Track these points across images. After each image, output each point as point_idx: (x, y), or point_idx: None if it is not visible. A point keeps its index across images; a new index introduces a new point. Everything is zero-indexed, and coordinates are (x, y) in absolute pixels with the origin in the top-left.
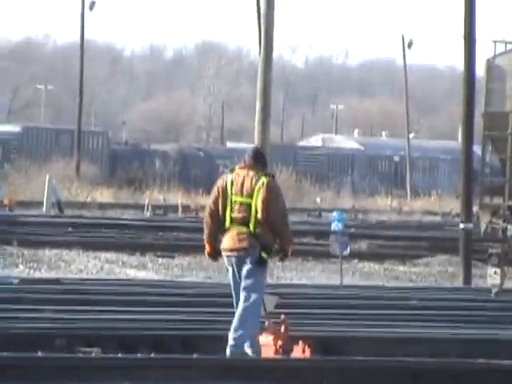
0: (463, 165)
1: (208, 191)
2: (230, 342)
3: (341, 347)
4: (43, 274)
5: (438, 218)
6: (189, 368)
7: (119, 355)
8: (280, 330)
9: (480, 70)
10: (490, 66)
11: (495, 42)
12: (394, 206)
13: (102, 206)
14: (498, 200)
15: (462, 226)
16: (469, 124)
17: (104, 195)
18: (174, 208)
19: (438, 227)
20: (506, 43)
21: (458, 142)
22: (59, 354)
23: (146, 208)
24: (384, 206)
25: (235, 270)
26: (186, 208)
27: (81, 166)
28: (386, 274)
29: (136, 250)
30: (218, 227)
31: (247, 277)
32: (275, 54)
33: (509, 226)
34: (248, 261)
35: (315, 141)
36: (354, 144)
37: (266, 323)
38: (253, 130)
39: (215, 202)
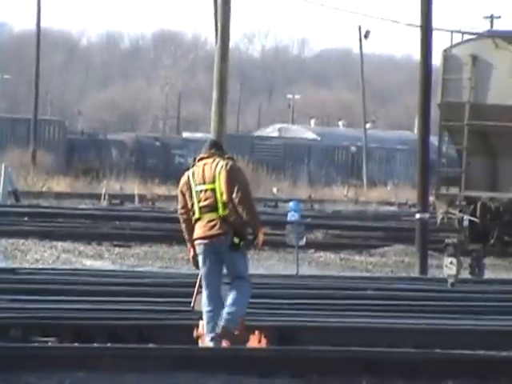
0: (420, 155)
1: (164, 181)
2: (222, 318)
3: (297, 337)
4: None
5: (394, 208)
6: (144, 358)
7: (75, 345)
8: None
9: (437, 61)
10: (447, 56)
11: (452, 32)
12: (351, 196)
13: (59, 196)
14: (454, 190)
15: (418, 216)
16: (425, 114)
17: (60, 185)
18: (131, 198)
19: (394, 217)
20: (462, 33)
21: (414, 133)
22: (14, 343)
23: (102, 197)
24: (340, 196)
25: (208, 258)
26: (142, 198)
27: (37, 156)
28: (342, 263)
29: (92, 239)
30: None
31: (230, 261)
32: (231, 44)
33: (465, 217)
34: (223, 248)
35: (272, 131)
36: (310, 134)
37: None
38: (209, 120)
39: (183, 204)
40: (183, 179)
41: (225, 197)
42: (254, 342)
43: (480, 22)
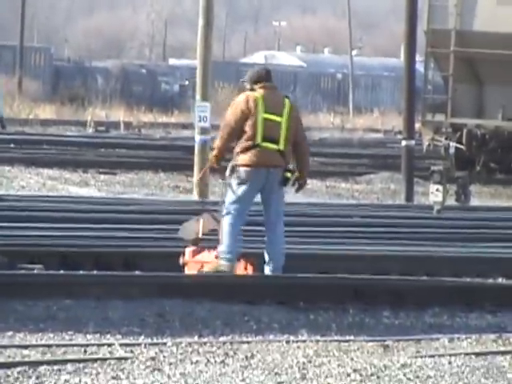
0: (405, 82)
1: (150, 108)
2: (266, 259)
3: (284, 264)
4: None
5: (380, 136)
6: (130, 285)
7: (61, 272)
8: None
9: None
10: None
11: None
12: (337, 124)
13: (44, 123)
14: (440, 117)
15: (403, 143)
16: (411, 41)
17: (46, 112)
18: (116, 125)
19: (380, 144)
20: None
21: (400, 60)
22: (0, 271)
23: (88, 125)
24: (326, 123)
25: (253, 185)
26: (128, 125)
27: (23, 83)
28: (328, 191)
29: (78, 166)
30: (231, 146)
31: (276, 194)
32: None
33: (451, 144)
34: (276, 178)
35: (258, 58)
36: (296, 61)
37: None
38: (195, 47)
39: (239, 121)
40: (247, 100)
41: (289, 133)
42: (240, 269)
43: None
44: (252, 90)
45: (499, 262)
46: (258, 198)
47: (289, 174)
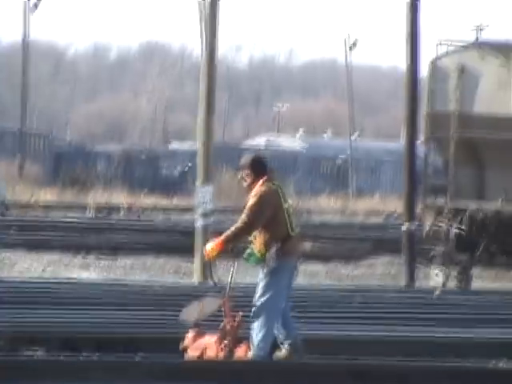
0: (406, 165)
1: (152, 191)
2: (288, 341)
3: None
4: None
5: (381, 219)
6: (133, 369)
7: (62, 356)
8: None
9: (423, 71)
10: (434, 66)
11: (439, 43)
12: (337, 207)
13: (46, 207)
14: (441, 201)
15: (404, 226)
16: (412, 124)
17: (47, 196)
18: (118, 209)
19: (381, 228)
20: (449, 44)
21: (401, 143)
22: (1, 354)
23: (89, 209)
24: (327, 207)
25: (291, 274)
26: (129, 209)
27: (24, 167)
28: (329, 274)
29: (79, 250)
30: (248, 237)
31: (293, 280)
32: (218, 55)
33: (452, 227)
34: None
35: (259, 141)
36: (297, 144)
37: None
38: (196, 131)
39: (271, 212)
40: (274, 193)
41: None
42: (242, 353)
43: (468, 32)
44: (256, 178)
45: (502, 345)
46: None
47: None
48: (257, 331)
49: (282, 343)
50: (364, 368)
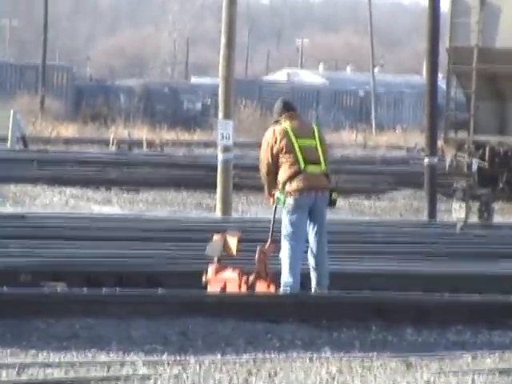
0: (428, 99)
1: (173, 126)
2: (314, 281)
3: (307, 282)
4: (8, 209)
5: (403, 153)
6: (153, 303)
7: (83, 290)
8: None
9: (445, 5)
10: (455, 0)
11: None
12: (359, 141)
13: (67, 142)
14: (462, 134)
15: (426, 160)
16: (433, 58)
17: (69, 130)
18: (139, 143)
19: (403, 162)
20: None
21: (422, 77)
22: (24, 288)
23: (111, 143)
24: (349, 141)
25: (306, 209)
26: (150, 143)
27: (45, 102)
28: (351, 208)
29: (101, 185)
30: (275, 178)
31: (322, 216)
32: None
33: (473, 161)
34: (323, 201)
35: (280, 76)
36: (319, 79)
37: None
38: (217, 65)
39: (273, 156)
40: (276, 131)
41: (326, 155)
42: (263, 287)
43: None
44: (277, 122)
45: None
46: None
47: (335, 195)
48: (282, 269)
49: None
50: (385, 301)
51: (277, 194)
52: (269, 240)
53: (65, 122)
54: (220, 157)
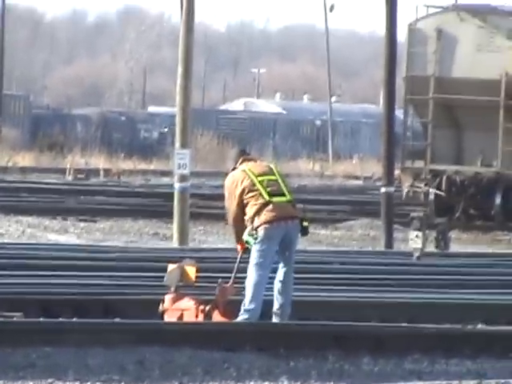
0: (385, 128)
1: (130, 155)
2: (276, 308)
3: (264, 311)
4: None
5: (360, 182)
6: (110, 332)
7: (41, 319)
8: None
9: (402, 35)
10: (412, 29)
11: (417, 6)
12: (316, 170)
13: (24, 170)
14: (419, 164)
15: (383, 189)
16: (390, 87)
17: (25, 159)
18: (96, 172)
19: (359, 191)
20: (427, 7)
21: (379, 107)
22: None
23: (67, 172)
24: (306, 170)
25: (277, 239)
26: (107, 172)
27: (2, 131)
28: (308, 237)
29: (58, 214)
30: (243, 224)
31: (293, 246)
32: (196, 20)
33: (430, 190)
34: (294, 230)
35: (237, 105)
36: (276, 108)
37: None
38: (174, 95)
39: (238, 201)
40: (235, 177)
41: (287, 186)
42: (218, 315)
43: None
44: (234, 169)
45: (478, 308)
46: None
47: (306, 223)
48: (245, 298)
49: (274, 310)
50: (344, 331)
51: (245, 236)
52: (231, 280)
53: (22, 150)
54: (177, 186)
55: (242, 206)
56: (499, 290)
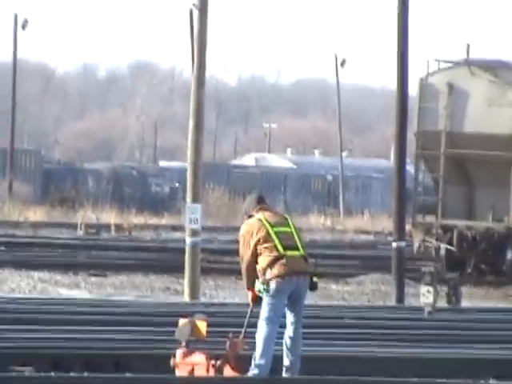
0: (396, 183)
1: (141, 210)
2: (286, 363)
3: (274, 366)
4: None
5: (370, 237)
6: None
7: (52, 374)
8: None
9: (413, 90)
10: (423, 84)
11: (428, 60)
12: (327, 225)
13: (35, 226)
14: (430, 218)
15: (394, 244)
16: (401, 142)
17: (37, 214)
18: (107, 227)
19: (370, 246)
20: (439, 62)
21: (390, 161)
22: None
23: (79, 227)
24: (317, 225)
25: (287, 293)
26: (119, 227)
27: (13, 186)
28: (319, 292)
29: (69, 269)
30: (256, 272)
31: (302, 300)
32: (207, 74)
33: (441, 245)
34: (304, 284)
35: (248, 160)
36: (287, 163)
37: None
38: (186, 149)
39: (252, 250)
40: (252, 225)
41: (301, 240)
42: (229, 370)
43: (457, 50)
44: (250, 216)
45: (490, 363)
46: None
47: (316, 279)
48: (255, 352)
49: (284, 365)
50: None
51: (258, 286)
52: (242, 334)
53: (33, 205)
54: (188, 240)
55: (255, 255)
56: (511, 345)
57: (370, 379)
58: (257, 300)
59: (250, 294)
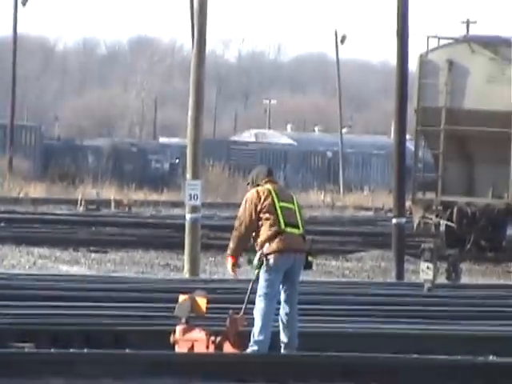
0: (396, 160)
1: (141, 186)
2: (285, 340)
3: (274, 343)
4: None
5: (370, 214)
6: (121, 363)
7: (51, 350)
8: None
9: (413, 66)
10: (423, 61)
11: (428, 37)
12: (327, 202)
13: (35, 202)
14: (430, 195)
15: (394, 221)
16: (401, 119)
17: (37, 190)
18: (107, 203)
19: (370, 222)
20: (438, 38)
21: (390, 138)
22: None
23: (79, 203)
24: (317, 201)
25: (283, 269)
26: (119, 203)
27: (13, 162)
28: (319, 269)
29: (69, 245)
30: (249, 241)
31: (297, 278)
32: (208, 49)
33: (441, 221)
34: (300, 262)
35: (248, 136)
36: (286, 139)
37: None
38: (185, 126)
39: (254, 215)
40: (259, 193)
41: (302, 219)
42: (229, 346)
43: (456, 26)
44: (257, 185)
45: (489, 339)
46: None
47: (311, 258)
48: (253, 329)
49: (282, 342)
50: (353, 362)
51: (254, 261)
52: (242, 310)
53: (33, 181)
54: (188, 217)
55: (256, 223)
56: (510, 322)
57: (369, 355)
58: (234, 270)
59: (230, 260)
